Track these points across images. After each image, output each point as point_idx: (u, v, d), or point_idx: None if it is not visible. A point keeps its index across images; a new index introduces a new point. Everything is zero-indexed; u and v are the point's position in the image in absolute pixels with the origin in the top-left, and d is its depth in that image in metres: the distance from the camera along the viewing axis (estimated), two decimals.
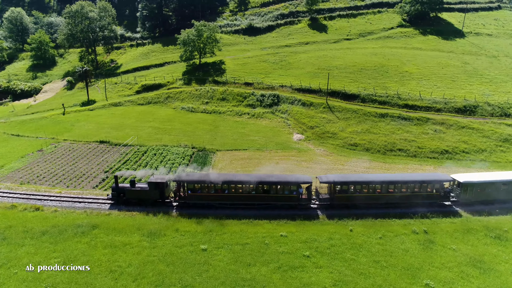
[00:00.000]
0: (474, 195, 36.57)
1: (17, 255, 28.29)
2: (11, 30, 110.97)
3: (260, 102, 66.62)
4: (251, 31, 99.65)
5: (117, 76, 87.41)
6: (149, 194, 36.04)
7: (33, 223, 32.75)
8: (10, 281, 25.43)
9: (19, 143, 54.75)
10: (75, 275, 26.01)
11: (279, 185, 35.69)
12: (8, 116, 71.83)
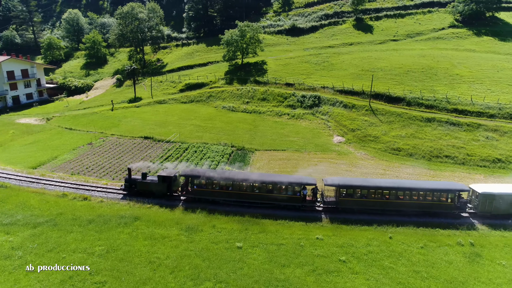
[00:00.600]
0: (493, 208, 34.09)
1: (66, 241, 30.16)
2: (68, 30, 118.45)
3: (300, 103, 66.18)
4: (294, 32, 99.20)
5: (163, 74, 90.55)
6: (158, 187, 37.35)
7: (81, 212, 34.77)
8: (59, 265, 27.16)
9: (71, 136, 58.35)
10: (117, 263, 27.27)
11: (282, 185, 35.56)
12: (62, 110, 76.79)
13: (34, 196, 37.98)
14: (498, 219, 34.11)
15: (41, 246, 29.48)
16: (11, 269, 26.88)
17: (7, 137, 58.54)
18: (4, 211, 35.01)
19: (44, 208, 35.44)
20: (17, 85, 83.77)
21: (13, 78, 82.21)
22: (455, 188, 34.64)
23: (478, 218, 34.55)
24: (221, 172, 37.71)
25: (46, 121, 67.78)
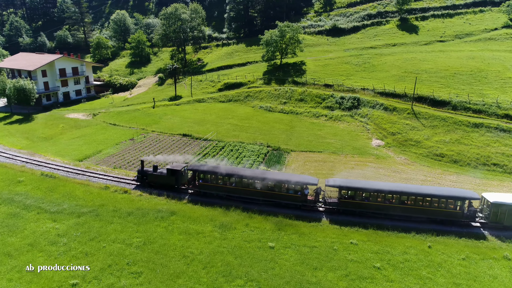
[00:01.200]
0: (506, 219, 31.86)
1: (107, 231, 31.62)
2: (115, 30, 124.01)
3: (339, 104, 65.02)
4: (335, 32, 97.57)
5: (203, 74, 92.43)
6: (166, 179, 38.90)
7: (121, 204, 36.31)
8: (98, 253, 28.53)
9: (115, 131, 61.06)
10: (153, 255, 28.21)
11: (284, 183, 35.60)
12: (108, 107, 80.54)
13: (79, 187, 40.17)
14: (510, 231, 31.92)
15: (84, 234, 31.13)
16: (56, 254, 28.60)
17: (57, 131, 62.31)
18: (52, 200, 37.33)
19: (88, 199, 37.39)
20: (68, 82, 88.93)
21: (65, 76, 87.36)
22: (464, 196, 32.71)
23: (490, 229, 32.56)
24: (226, 168, 38.45)
25: (93, 117, 71.40)
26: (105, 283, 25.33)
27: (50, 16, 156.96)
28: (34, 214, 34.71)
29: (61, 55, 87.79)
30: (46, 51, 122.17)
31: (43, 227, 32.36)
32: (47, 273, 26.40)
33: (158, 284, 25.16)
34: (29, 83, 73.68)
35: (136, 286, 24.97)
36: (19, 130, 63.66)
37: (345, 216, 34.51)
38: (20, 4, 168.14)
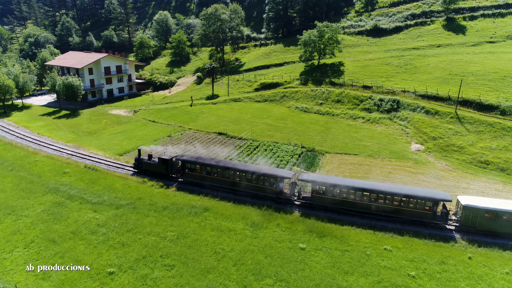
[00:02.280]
0: (478, 223, 31.02)
1: (143, 223, 32.78)
2: (157, 30, 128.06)
3: (377, 106, 63.24)
4: (376, 32, 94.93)
5: (240, 73, 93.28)
6: (158, 167, 42.00)
7: (157, 198, 37.50)
8: (134, 244, 29.65)
9: (154, 128, 63.10)
10: (185, 249, 28.89)
11: (260, 176, 36.67)
12: (148, 104, 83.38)
13: (119, 180, 41.93)
14: (487, 237, 30.89)
15: (121, 226, 32.46)
16: (96, 243, 30.04)
17: (101, 126, 65.35)
18: (93, 191, 39.24)
19: (126, 192, 38.95)
20: (112, 80, 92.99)
21: (109, 73, 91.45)
22: (435, 197, 31.94)
23: (462, 232, 31.77)
24: (209, 159, 40.49)
25: (133, 113, 74.20)
26: (139, 273, 26.29)
27: (98, 17, 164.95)
28: (77, 204, 36.68)
29: (107, 54, 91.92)
30: (93, 50, 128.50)
31: (84, 217, 34.12)
32: (87, 260, 27.81)
33: (189, 278, 25.75)
34: (77, 80, 77.83)
35: (168, 279, 25.71)
36: (66, 124, 67.44)
37: (317, 211, 35.16)
38: (71, 6, 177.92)
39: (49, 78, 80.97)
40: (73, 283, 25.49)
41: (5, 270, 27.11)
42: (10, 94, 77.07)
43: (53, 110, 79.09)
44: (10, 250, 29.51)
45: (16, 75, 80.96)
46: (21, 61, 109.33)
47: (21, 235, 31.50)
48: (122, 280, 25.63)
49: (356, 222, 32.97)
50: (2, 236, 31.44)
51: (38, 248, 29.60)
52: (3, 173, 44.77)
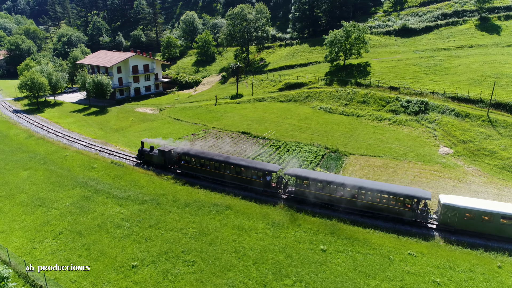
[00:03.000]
0: (457, 222, 30.85)
1: (165, 219, 33.36)
2: (184, 30, 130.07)
3: (404, 108, 61.70)
4: (404, 32, 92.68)
5: (264, 73, 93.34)
6: (157, 159, 44.52)
7: (180, 195, 38.06)
8: (157, 239, 30.21)
9: (178, 126, 64.10)
10: (207, 246, 29.18)
11: (248, 169, 38.03)
12: (173, 102, 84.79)
13: (143, 176, 42.85)
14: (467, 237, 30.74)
15: (145, 221, 33.16)
16: (120, 237, 30.82)
17: (127, 123, 67.01)
18: (119, 186, 40.28)
19: (150, 188, 39.75)
20: (139, 78, 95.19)
21: (137, 72, 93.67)
22: (414, 194, 31.86)
23: (441, 231, 31.66)
24: (202, 152, 42.30)
25: (159, 111, 75.65)
26: (161, 268, 26.77)
27: (127, 17, 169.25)
28: (103, 198, 37.75)
29: (135, 53, 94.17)
30: (122, 49, 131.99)
31: (110, 211, 35.07)
32: (111, 253, 28.58)
33: (209, 274, 25.98)
34: (106, 78, 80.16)
35: (189, 274, 26.04)
36: (95, 121, 69.57)
37: (300, 204, 35.89)
38: (103, 6, 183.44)
39: (80, 76, 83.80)
40: (98, 274, 26.25)
41: (35, 259, 28.24)
42: (43, 91, 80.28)
43: (83, 107, 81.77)
44: (40, 240, 30.73)
45: (49, 73, 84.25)
46: (54, 59, 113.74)
47: (51, 226, 32.74)
48: (144, 274, 26.17)
49: (380, 226, 32.30)
50: (33, 227, 32.79)
51: (66, 240, 30.67)
52: (35, 166, 46.69)
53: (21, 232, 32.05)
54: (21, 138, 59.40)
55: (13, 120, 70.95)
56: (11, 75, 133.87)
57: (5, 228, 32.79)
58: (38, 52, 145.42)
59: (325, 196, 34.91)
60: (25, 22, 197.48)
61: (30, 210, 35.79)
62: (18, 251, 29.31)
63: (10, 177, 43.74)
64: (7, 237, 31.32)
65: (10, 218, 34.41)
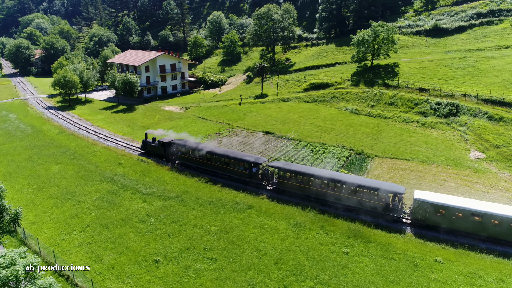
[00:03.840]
0: (428, 217, 31.04)
1: (188, 216, 33.75)
2: (211, 30, 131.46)
3: (434, 110, 59.77)
4: (436, 32, 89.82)
5: (289, 73, 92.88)
6: (158, 149, 47.61)
7: (203, 193, 38.41)
8: (179, 236, 30.60)
9: (203, 124, 64.78)
10: (228, 244, 29.29)
11: (235, 160, 40.23)
12: (198, 101, 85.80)
13: (168, 173, 43.58)
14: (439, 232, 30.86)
15: (168, 217, 33.68)
16: (144, 232, 31.43)
17: (154, 121, 68.34)
18: (144, 182, 41.12)
19: (174, 185, 40.36)
20: (166, 77, 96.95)
21: (164, 71, 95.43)
22: (387, 189, 32.38)
23: (413, 226, 32.04)
24: (196, 144, 44.49)
25: (185, 110, 76.73)
26: (183, 264, 27.09)
27: (156, 17, 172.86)
28: (129, 193, 38.65)
29: (162, 53, 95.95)
30: (150, 48, 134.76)
31: (135, 206, 35.86)
32: (135, 247, 29.19)
33: (230, 272, 26.06)
34: (134, 77, 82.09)
35: (210, 271, 26.21)
36: (123, 118, 71.37)
37: (283, 195, 37.58)
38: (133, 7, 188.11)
39: (110, 74, 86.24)
40: (122, 268, 26.86)
41: (63, 250, 29.24)
42: (75, 89, 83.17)
43: (112, 104, 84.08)
44: (68, 232, 31.80)
45: (81, 71, 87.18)
46: (86, 58, 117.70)
47: (79, 219, 33.82)
48: (166, 269, 26.56)
49: (405, 230, 31.40)
50: (62, 219, 33.97)
51: (92, 232, 31.60)
52: (66, 161, 48.40)
53: (51, 224, 33.28)
54: (53, 133, 61.76)
55: (46, 116, 73.89)
56: (45, 73, 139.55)
57: (36, 219, 34.15)
58: (71, 51, 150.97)
59: (305, 188, 36.20)
60: (59, 22, 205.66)
61: (60, 203, 37.12)
62: (48, 241, 30.45)
63: (42, 170, 45.54)
64: (38, 228, 32.60)
65: (41, 210, 35.81)
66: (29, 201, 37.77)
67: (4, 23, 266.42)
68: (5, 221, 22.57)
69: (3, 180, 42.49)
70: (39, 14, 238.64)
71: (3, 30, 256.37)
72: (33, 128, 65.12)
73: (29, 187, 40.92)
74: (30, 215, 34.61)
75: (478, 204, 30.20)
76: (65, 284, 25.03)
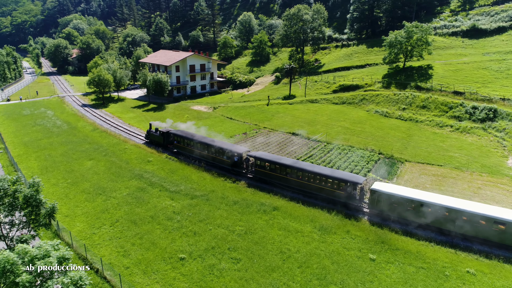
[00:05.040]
0: (383, 207, 32.74)
1: (214, 215, 34.08)
2: (241, 31, 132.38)
3: (469, 115, 57.39)
4: (473, 33, 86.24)
5: (318, 74, 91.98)
6: (158, 138, 53.13)
7: (229, 192, 38.68)
8: (205, 234, 30.95)
9: (230, 125, 65.28)
10: (252, 245, 29.34)
11: (220, 150, 44.25)
12: (226, 101, 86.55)
13: (195, 172, 44.22)
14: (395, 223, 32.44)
15: (195, 215, 34.15)
16: (170, 229, 32.02)
17: (182, 120, 69.51)
18: (172, 180, 41.91)
19: (201, 184, 40.88)
20: (195, 77, 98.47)
21: (193, 71, 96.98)
22: (347, 179, 34.71)
23: (370, 215, 34.00)
24: (187, 133, 49.78)
25: (213, 110, 77.61)
26: (207, 262, 27.38)
27: (187, 18, 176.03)
28: (157, 191, 39.52)
29: (192, 53, 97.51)
30: (181, 49, 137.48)
31: (162, 203, 36.61)
32: (162, 244, 29.80)
33: (254, 273, 26.08)
34: (165, 76, 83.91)
35: (234, 271, 26.34)
36: (153, 117, 73.07)
37: (259, 182, 40.87)
38: (165, 8, 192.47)
39: (141, 74, 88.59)
40: (148, 263, 27.50)
41: (94, 243, 30.29)
42: (108, 88, 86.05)
43: (143, 103, 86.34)
44: (99, 226, 32.90)
45: (114, 71, 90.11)
46: (119, 58, 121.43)
47: (109, 214, 34.93)
48: (191, 267, 26.94)
49: (435, 239, 30.32)
50: (94, 213, 35.20)
51: (121, 227, 32.54)
52: (98, 157, 50.14)
53: (83, 218, 34.56)
54: (87, 130, 64.16)
55: (81, 113, 76.87)
56: (81, 71, 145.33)
57: (69, 212, 35.57)
58: (106, 51, 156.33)
59: (278, 177, 39.23)
60: (96, 23, 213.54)
61: (91, 197, 38.48)
62: (80, 235, 31.63)
63: (76, 166, 47.39)
64: (71, 221, 33.94)
65: (74, 204, 37.27)
66: (63, 195, 39.40)
67: (45, 24, 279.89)
68: (41, 215, 23.60)
69: (40, 174, 44.60)
70: (77, 15, 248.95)
71: (43, 31, 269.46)
72: (69, 124, 67.92)
73: (64, 182, 42.69)
74: (64, 209, 36.08)
75: (431, 197, 31.37)
76: (94, 277, 25.91)
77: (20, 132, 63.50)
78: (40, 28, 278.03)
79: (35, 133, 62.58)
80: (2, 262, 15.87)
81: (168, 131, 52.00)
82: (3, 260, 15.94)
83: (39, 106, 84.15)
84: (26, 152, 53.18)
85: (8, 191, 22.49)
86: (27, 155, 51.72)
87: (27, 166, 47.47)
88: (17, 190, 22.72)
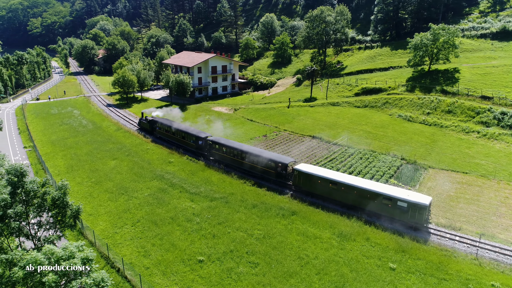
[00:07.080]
0: (302, 183, 38.88)
1: (233, 218, 34.30)
2: (263, 32, 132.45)
3: (498, 120, 55.45)
4: (504, 36, 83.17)
5: (340, 77, 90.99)
6: (146, 125, 61.77)
7: (248, 196, 38.84)
8: (223, 237, 31.20)
9: (251, 126, 65.48)
10: (270, 250, 29.37)
11: (188, 135, 51.97)
12: (247, 103, 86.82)
13: (215, 174, 44.60)
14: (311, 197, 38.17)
15: (214, 217, 34.47)
16: (190, 231, 32.45)
17: (204, 121, 70.18)
18: (192, 182, 42.43)
19: (220, 186, 41.22)
20: (217, 79, 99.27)
21: (215, 72, 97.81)
22: (276, 159, 41.04)
23: (295, 191, 39.86)
24: (166, 121, 57.58)
25: (234, 111, 78.04)
26: (225, 265, 27.60)
27: (210, 19, 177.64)
28: (177, 192, 40.12)
29: (214, 55, 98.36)
30: (203, 50, 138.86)
31: (183, 205, 37.14)
32: (181, 245, 30.24)
33: (271, 278, 26.11)
34: (187, 77, 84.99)
35: (252, 276, 26.44)
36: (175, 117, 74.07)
37: (217, 164, 47.26)
38: (188, 9, 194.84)
39: (164, 75, 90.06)
40: (168, 264, 27.96)
41: (116, 243, 31.05)
42: (132, 88, 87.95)
43: (165, 104, 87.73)
44: (121, 226, 33.70)
45: (138, 71, 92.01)
46: (143, 58, 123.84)
47: (130, 214, 35.72)
48: (209, 270, 27.22)
49: (459, 249, 29.49)
50: (116, 213, 36.08)
51: (142, 228, 33.22)
52: (121, 157, 51.34)
53: (105, 217, 35.49)
54: (111, 130, 65.79)
55: (106, 113, 78.87)
56: (107, 72, 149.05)
57: (93, 211, 36.60)
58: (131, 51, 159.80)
59: (227, 158, 46.06)
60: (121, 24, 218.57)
61: (114, 197, 39.45)
62: (102, 233, 32.50)
63: (100, 165, 48.68)
64: (94, 220, 34.91)
65: (97, 203, 38.31)
66: (87, 193, 40.56)
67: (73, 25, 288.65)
68: (67, 216, 24.40)
69: (66, 172, 46.08)
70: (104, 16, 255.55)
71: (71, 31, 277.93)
72: (94, 124, 69.83)
73: (88, 180, 43.94)
74: (88, 207, 37.14)
75: (338, 175, 37.15)
76: (115, 276, 26.56)
77: (48, 131, 65.78)
78: (69, 29, 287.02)
79: (62, 132, 64.69)
80: (31, 262, 16.54)
81: (153, 119, 60.07)
82: (31, 260, 16.61)
83: (66, 106, 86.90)
84: (53, 150, 55.03)
85: (37, 192, 23.36)
86: (54, 154, 53.51)
87: (54, 165, 49.11)
88: (46, 192, 23.57)
